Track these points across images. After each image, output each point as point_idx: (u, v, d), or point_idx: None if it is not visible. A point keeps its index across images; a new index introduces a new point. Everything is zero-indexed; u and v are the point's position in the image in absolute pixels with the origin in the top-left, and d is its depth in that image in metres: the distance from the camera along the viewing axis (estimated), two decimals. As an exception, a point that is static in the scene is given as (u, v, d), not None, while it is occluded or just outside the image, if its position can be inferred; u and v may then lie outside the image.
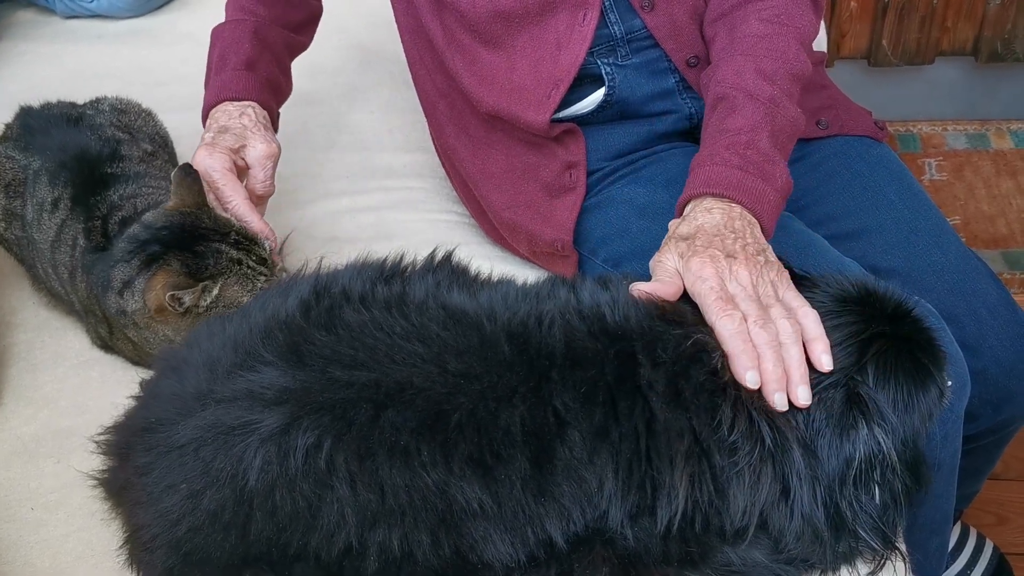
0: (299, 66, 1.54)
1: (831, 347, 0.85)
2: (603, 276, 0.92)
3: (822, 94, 1.26)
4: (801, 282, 0.93)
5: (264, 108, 1.17)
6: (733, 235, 0.92)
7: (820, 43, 1.66)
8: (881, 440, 0.85)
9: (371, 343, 0.81)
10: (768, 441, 0.82)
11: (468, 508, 0.77)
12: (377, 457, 0.77)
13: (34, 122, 1.22)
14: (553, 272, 1.19)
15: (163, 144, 1.26)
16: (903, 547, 0.91)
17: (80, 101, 1.30)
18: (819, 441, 0.84)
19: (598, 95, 1.15)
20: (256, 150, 1.13)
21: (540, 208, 1.17)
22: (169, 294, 1.00)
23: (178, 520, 0.81)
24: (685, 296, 0.89)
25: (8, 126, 1.26)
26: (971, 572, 1.47)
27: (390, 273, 0.91)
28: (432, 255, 0.93)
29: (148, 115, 1.29)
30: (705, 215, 0.94)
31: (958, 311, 1.14)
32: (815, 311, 0.87)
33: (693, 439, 0.81)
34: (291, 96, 1.50)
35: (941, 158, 2.33)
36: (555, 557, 0.81)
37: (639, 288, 0.88)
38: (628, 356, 0.83)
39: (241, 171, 1.13)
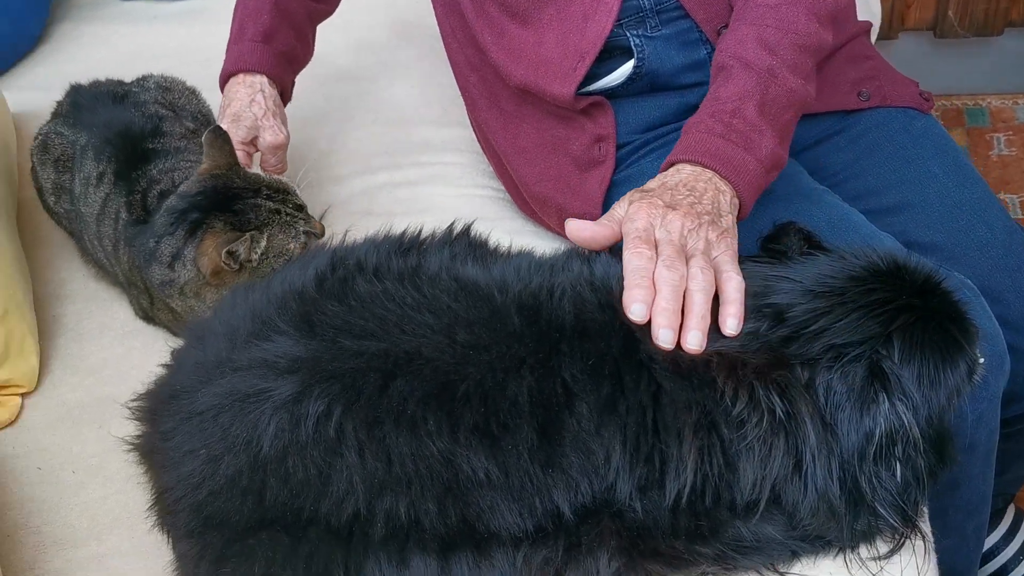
0: (342, 41, 1.57)
1: (856, 315, 0.83)
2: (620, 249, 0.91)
3: (865, 65, 1.23)
4: (828, 255, 0.91)
5: (277, 82, 1.21)
6: (688, 192, 0.91)
7: (875, 14, 1.62)
8: (903, 415, 0.83)
9: (381, 313, 0.82)
10: (779, 413, 0.80)
11: (474, 477, 0.78)
12: (384, 426, 0.78)
13: (82, 99, 1.26)
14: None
15: (205, 122, 1.29)
16: (924, 527, 0.89)
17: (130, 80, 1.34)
18: (838, 415, 0.83)
19: (627, 67, 1.14)
20: (266, 141, 1.19)
21: (570, 181, 1.16)
22: (224, 250, 1.03)
23: (199, 484, 0.83)
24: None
25: (59, 103, 1.30)
26: (1023, 558, 1.43)
27: (408, 246, 0.92)
28: (450, 228, 0.94)
29: (192, 93, 1.33)
30: (673, 175, 0.94)
31: (1002, 288, 1.11)
32: (742, 280, 0.85)
33: (701, 412, 0.80)
34: (332, 72, 1.53)
35: (1011, 132, 2.24)
36: (563, 528, 0.81)
37: (571, 222, 0.88)
38: (631, 329, 0.82)
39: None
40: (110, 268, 1.21)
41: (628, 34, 1.12)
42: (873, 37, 1.63)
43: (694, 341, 0.81)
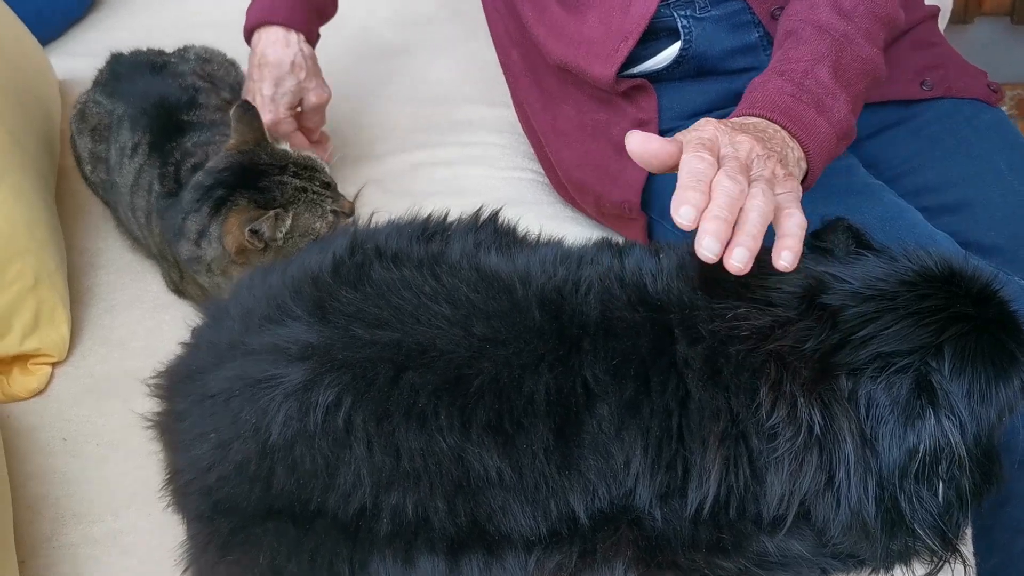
0: (389, 15, 1.54)
1: (905, 322, 0.77)
2: (656, 244, 0.87)
3: (930, 52, 1.16)
4: (879, 255, 0.86)
5: (309, 37, 1.19)
6: (760, 133, 0.82)
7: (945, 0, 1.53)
8: (950, 433, 0.77)
9: (397, 302, 0.79)
10: (816, 428, 0.76)
11: (486, 476, 0.75)
12: (394, 419, 0.75)
13: (121, 69, 1.25)
14: (622, 235, 1.14)
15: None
16: (966, 551, 0.84)
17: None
18: (880, 429, 0.78)
19: (673, 50, 1.08)
20: (310, 102, 1.17)
21: (609, 168, 1.12)
22: (248, 228, 1.01)
23: (209, 468, 0.82)
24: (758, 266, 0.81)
25: (99, 72, 1.29)
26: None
27: (432, 231, 0.88)
28: (477, 214, 0.90)
29: (232, 65, 1.31)
30: (744, 120, 0.85)
31: (1067, 296, 1.04)
32: (805, 219, 0.78)
33: (730, 420, 0.76)
34: (377, 46, 1.50)
35: (1091, 125, 2.13)
36: (578, 534, 0.78)
37: (634, 135, 0.77)
38: (665, 329, 0.78)
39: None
40: (143, 240, 1.20)
41: (675, 14, 1.07)
42: (943, 22, 1.55)
43: (740, 257, 0.71)
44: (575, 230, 1.15)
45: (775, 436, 0.76)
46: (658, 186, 1.10)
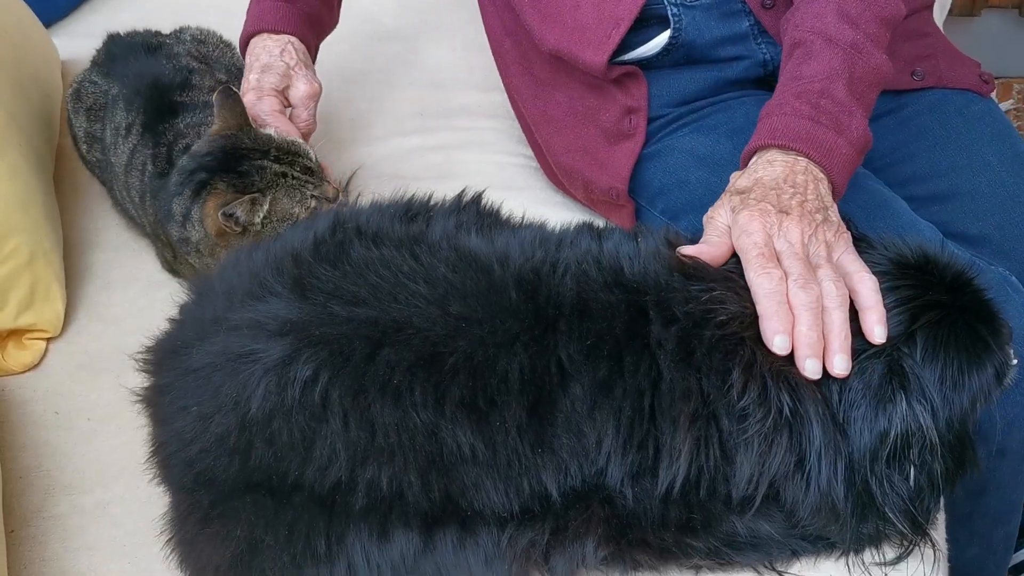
0: (390, 2, 1.55)
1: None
2: (636, 228, 0.88)
3: (922, 42, 1.16)
4: (857, 243, 0.87)
5: (302, 42, 1.17)
6: (792, 190, 0.86)
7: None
8: (921, 417, 0.78)
9: (375, 281, 0.80)
10: (786, 410, 0.77)
11: (459, 452, 0.76)
12: (369, 394, 0.76)
13: (117, 49, 1.26)
14: (611, 220, 1.15)
15: (237, 75, 1.28)
16: (935, 534, 0.85)
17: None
18: (853, 413, 0.79)
19: (663, 37, 1.09)
20: (299, 90, 1.15)
21: (597, 154, 1.13)
22: (220, 211, 1.02)
23: (191, 441, 0.83)
24: (735, 256, 0.84)
25: (96, 52, 1.31)
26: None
27: (415, 212, 0.89)
28: (460, 196, 0.91)
29: (227, 46, 1.32)
30: (766, 168, 0.88)
31: (1051, 287, 1.04)
32: (874, 277, 0.81)
33: (701, 401, 0.77)
34: (377, 30, 1.51)
35: (1096, 120, 2.12)
36: (550, 511, 0.79)
37: (685, 251, 0.83)
38: (640, 311, 0.79)
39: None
40: (138, 219, 1.22)
41: (666, 2, 1.08)
42: (944, 13, 1.55)
43: (842, 365, 0.77)
44: (564, 215, 1.16)
45: (745, 417, 0.76)
46: (645, 173, 1.11)
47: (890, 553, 0.83)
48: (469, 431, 0.76)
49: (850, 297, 0.80)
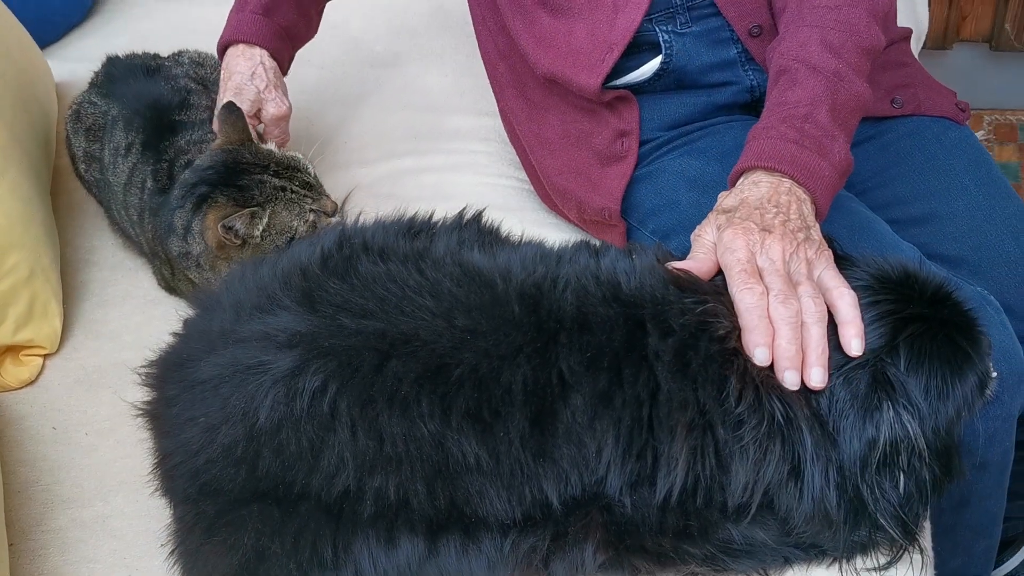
0: (382, 26, 1.58)
1: (864, 329, 0.82)
2: (631, 245, 0.91)
3: (901, 72, 1.20)
4: (840, 262, 0.90)
5: (275, 55, 1.22)
6: (775, 209, 0.89)
7: (920, 22, 1.59)
8: (908, 425, 0.81)
9: (382, 294, 0.82)
10: (779, 418, 0.79)
11: (464, 462, 0.78)
12: (377, 404, 0.78)
13: (116, 71, 1.29)
14: (603, 240, 1.18)
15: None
16: (924, 541, 0.88)
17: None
18: (841, 422, 0.82)
19: (654, 63, 1.13)
20: (269, 113, 1.20)
21: (590, 175, 1.16)
22: (220, 224, 1.04)
23: (197, 452, 0.84)
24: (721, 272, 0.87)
25: (95, 74, 1.33)
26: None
27: (417, 229, 0.92)
28: (461, 214, 0.94)
29: (225, 69, 1.34)
30: (752, 188, 0.92)
31: (1027, 306, 1.08)
32: (853, 293, 0.84)
33: (697, 411, 0.80)
34: (369, 56, 1.54)
35: (1064, 150, 2.19)
36: (551, 519, 0.81)
37: (674, 266, 0.86)
38: (637, 324, 0.82)
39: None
40: (135, 238, 1.23)
41: (657, 29, 1.11)
42: (918, 46, 1.60)
43: (818, 378, 0.80)
44: (557, 235, 1.18)
45: (740, 425, 0.79)
46: (637, 194, 1.14)
47: (880, 559, 0.85)
48: (474, 441, 0.78)
49: (830, 312, 0.83)
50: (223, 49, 1.24)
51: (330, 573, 0.80)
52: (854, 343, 0.81)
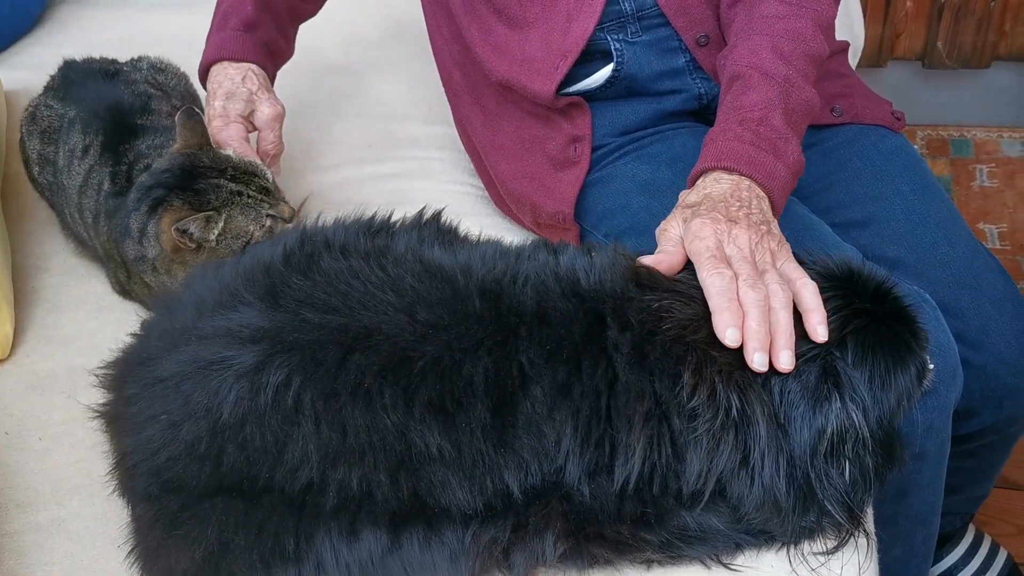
0: (334, 36, 1.59)
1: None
2: (588, 244, 0.94)
3: (840, 82, 1.25)
4: (791, 260, 0.93)
5: (262, 69, 1.21)
6: (738, 203, 0.93)
7: (856, 37, 1.65)
8: (854, 415, 0.85)
9: (345, 289, 0.83)
10: (734, 410, 0.82)
11: (427, 452, 0.80)
12: (341, 397, 0.80)
13: (74, 74, 1.28)
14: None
15: (193, 104, 1.31)
16: (869, 525, 0.91)
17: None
18: (792, 413, 0.85)
19: (606, 71, 1.16)
20: (263, 113, 1.19)
21: (544, 180, 1.19)
22: (174, 227, 1.05)
23: (159, 449, 0.85)
24: (689, 265, 0.90)
25: (52, 77, 1.32)
26: (981, 579, 1.45)
27: (378, 228, 0.94)
28: (420, 213, 0.96)
29: (183, 77, 1.35)
30: (714, 184, 0.95)
31: (962, 305, 1.13)
32: (814, 283, 0.87)
33: (654, 402, 0.82)
34: (322, 65, 1.55)
35: (993, 164, 2.28)
36: (512, 509, 0.82)
37: (644, 261, 0.89)
38: (597, 318, 0.84)
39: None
40: (89, 242, 1.23)
41: (609, 38, 1.15)
42: (854, 61, 1.66)
43: (787, 360, 0.83)
44: (512, 239, 1.20)
45: (695, 416, 0.82)
46: (590, 198, 1.17)
47: (827, 544, 0.89)
48: (437, 432, 0.80)
49: (793, 301, 0.86)
50: (206, 70, 1.23)
51: (292, 565, 0.81)
52: (819, 329, 0.84)
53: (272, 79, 1.27)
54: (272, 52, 1.24)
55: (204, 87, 1.23)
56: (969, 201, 2.19)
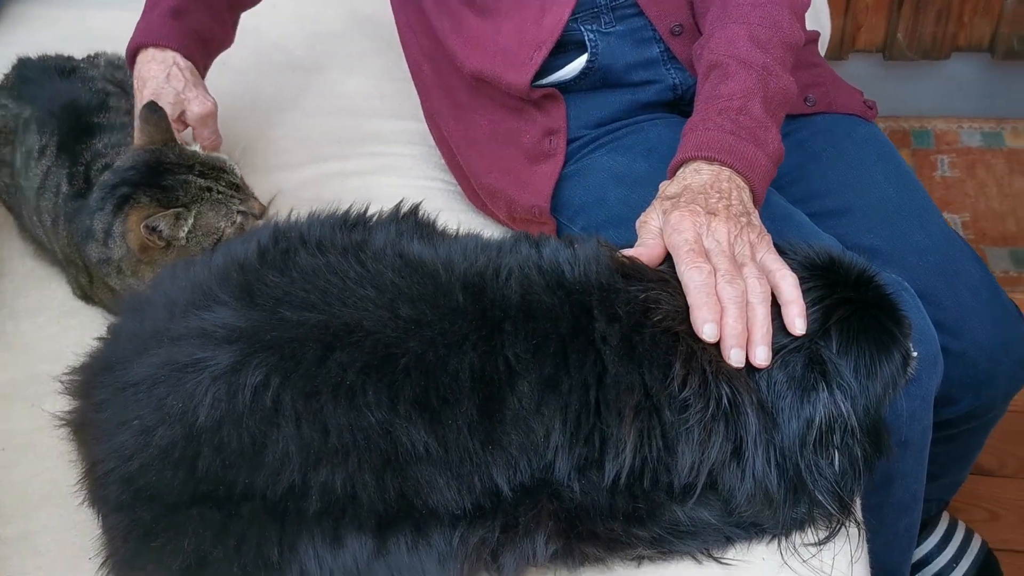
0: (299, 32, 1.56)
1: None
2: (570, 236, 0.92)
3: (812, 71, 1.25)
4: (772, 249, 0.92)
5: (189, 59, 1.18)
6: (718, 195, 0.92)
7: (823, 27, 1.65)
8: (841, 404, 0.84)
9: (323, 286, 0.81)
10: (724, 401, 0.81)
11: (413, 450, 0.77)
12: (322, 396, 0.77)
13: (29, 72, 1.24)
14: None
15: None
16: (859, 514, 0.90)
17: (78, 59, 1.32)
18: (780, 403, 0.84)
19: (580, 61, 1.15)
20: (195, 113, 1.16)
21: (519, 174, 1.17)
22: (143, 224, 1.01)
23: (131, 456, 0.82)
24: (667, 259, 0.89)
25: (6, 76, 1.28)
26: (957, 565, 1.46)
27: (353, 222, 0.91)
28: (398, 206, 0.94)
29: (142, 73, 1.31)
30: (694, 175, 0.94)
31: (939, 292, 1.13)
32: (794, 275, 0.87)
33: (644, 394, 0.81)
34: (288, 61, 1.52)
35: (954, 155, 2.30)
36: (500, 508, 0.80)
37: (623, 254, 0.88)
38: (584, 310, 0.83)
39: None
40: (48, 245, 1.19)
41: (582, 29, 1.13)
42: (822, 51, 1.66)
43: (763, 355, 0.82)
44: (487, 234, 1.19)
45: (686, 408, 0.80)
46: (566, 192, 1.16)
47: (818, 535, 0.88)
48: (423, 429, 0.78)
49: (772, 293, 0.85)
50: (132, 55, 1.19)
51: (275, 575, 0.78)
52: (797, 322, 0.84)
53: (205, 68, 1.23)
54: (203, 40, 1.20)
55: (131, 72, 1.19)
56: (931, 191, 2.20)
